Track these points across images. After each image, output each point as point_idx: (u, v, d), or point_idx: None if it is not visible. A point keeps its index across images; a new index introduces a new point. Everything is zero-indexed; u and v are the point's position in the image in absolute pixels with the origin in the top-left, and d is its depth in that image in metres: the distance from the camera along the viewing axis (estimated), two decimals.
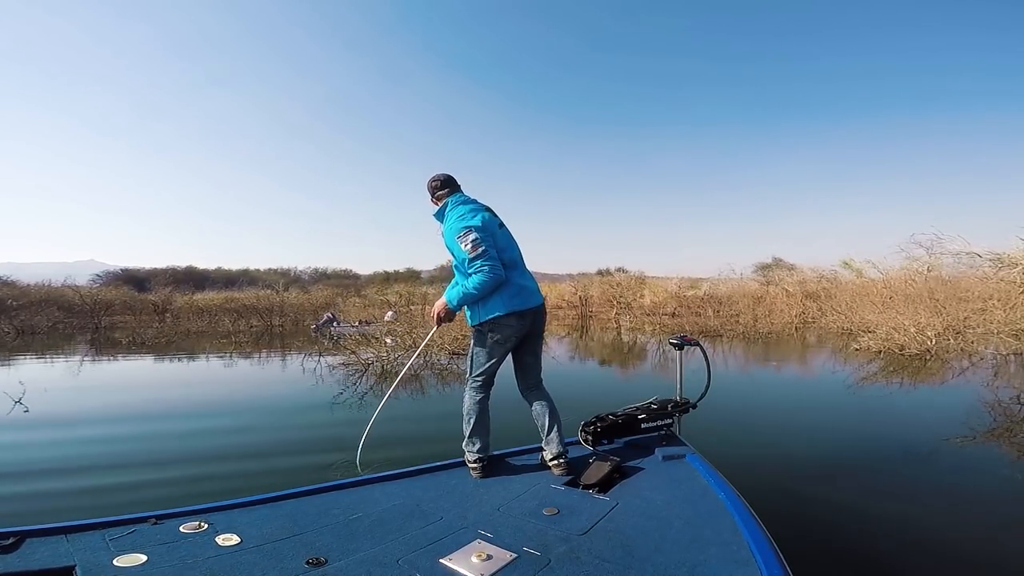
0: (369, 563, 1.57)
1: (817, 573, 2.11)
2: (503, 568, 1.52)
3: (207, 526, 1.78)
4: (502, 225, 2.55)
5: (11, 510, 2.90)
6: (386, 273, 39.85)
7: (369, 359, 7.81)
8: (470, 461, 2.43)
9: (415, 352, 3.67)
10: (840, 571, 2.22)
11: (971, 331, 9.64)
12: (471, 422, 2.46)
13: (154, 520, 1.81)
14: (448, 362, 8.16)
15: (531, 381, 2.57)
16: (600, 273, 26.63)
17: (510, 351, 2.52)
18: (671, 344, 2.97)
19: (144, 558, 1.55)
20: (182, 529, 1.75)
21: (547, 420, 2.46)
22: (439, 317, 2.51)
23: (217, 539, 1.70)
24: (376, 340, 9.08)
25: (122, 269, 33.55)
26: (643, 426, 2.74)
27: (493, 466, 2.45)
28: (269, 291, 23.57)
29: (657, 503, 1.99)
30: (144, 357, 10.10)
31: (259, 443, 4.14)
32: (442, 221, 2.54)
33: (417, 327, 9.58)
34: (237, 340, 12.87)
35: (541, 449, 2.51)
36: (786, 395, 6.15)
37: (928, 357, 8.15)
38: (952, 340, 9.06)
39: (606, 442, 2.68)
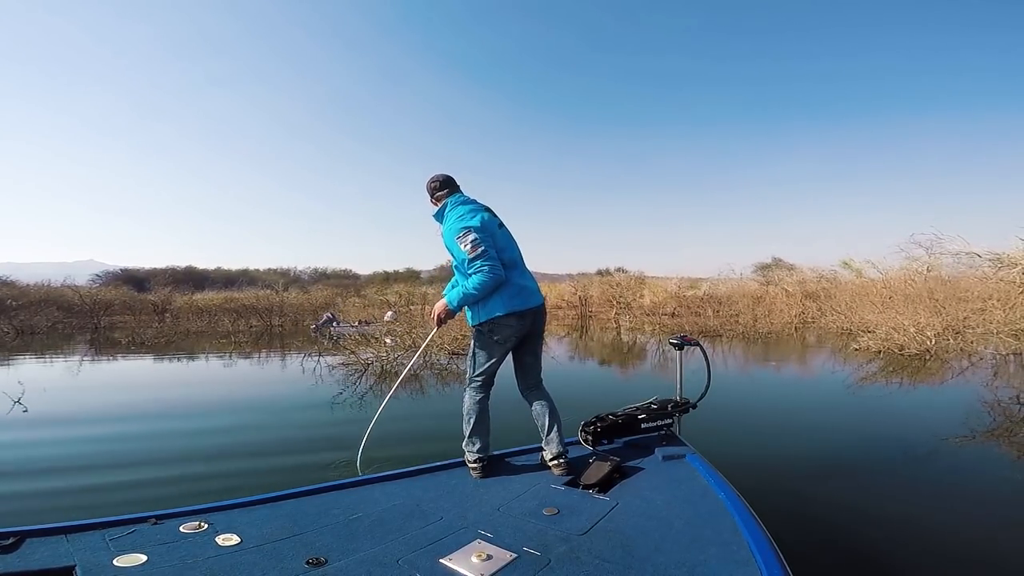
0: (369, 563, 1.57)
1: (817, 573, 2.11)
2: (503, 568, 1.52)
3: (207, 526, 1.78)
4: (502, 225, 2.55)
5: (10, 509, 2.90)
6: (386, 273, 39.85)
7: (369, 359, 7.81)
8: (470, 461, 2.43)
9: (415, 354, 3.67)
10: (840, 571, 2.22)
11: (971, 331, 9.64)
12: (471, 422, 2.46)
13: (154, 520, 1.81)
14: (448, 362, 8.16)
15: (531, 381, 2.57)
16: (600, 273, 26.63)
17: (510, 351, 2.53)
18: (671, 344, 2.97)
19: (144, 558, 1.55)
20: (182, 529, 1.75)
21: (547, 420, 2.46)
22: (439, 318, 2.51)
23: (217, 539, 1.70)
24: (376, 340, 9.08)
25: (121, 269, 33.55)
26: (643, 426, 2.74)
27: (493, 466, 2.46)
28: (269, 291, 23.55)
29: (657, 503, 1.99)
30: (143, 357, 10.10)
31: (258, 443, 4.14)
32: (441, 222, 2.54)
33: (417, 327, 9.58)
34: (237, 340, 12.87)
35: (541, 449, 2.51)
36: (786, 395, 6.15)
37: (928, 357, 8.16)
38: (952, 340, 9.07)
39: (606, 442, 2.68)
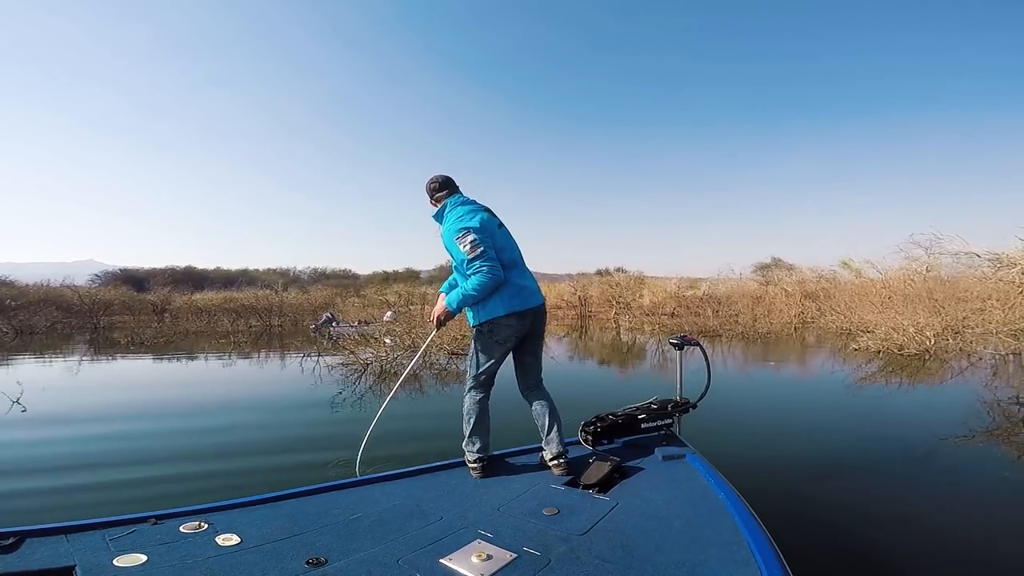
0: (369, 563, 1.57)
1: (817, 573, 2.11)
2: (503, 568, 1.52)
3: (207, 526, 1.78)
4: (501, 225, 2.54)
5: (10, 509, 2.89)
6: (385, 273, 39.83)
7: (368, 359, 7.81)
8: (470, 461, 2.43)
9: (416, 355, 3.66)
10: (840, 571, 2.23)
11: (970, 331, 9.65)
12: (471, 422, 2.46)
13: (154, 520, 1.80)
14: (447, 362, 8.16)
15: (531, 381, 2.57)
16: (599, 273, 26.62)
17: (510, 351, 2.53)
18: (671, 344, 2.97)
19: (144, 558, 1.55)
20: (182, 529, 1.75)
21: (547, 420, 2.46)
22: (439, 320, 2.50)
23: (217, 539, 1.70)
24: (375, 340, 9.08)
25: (121, 269, 33.50)
26: (643, 426, 2.74)
27: (493, 466, 2.45)
28: (268, 291, 23.50)
29: (657, 503, 1.99)
30: (143, 357, 10.09)
31: (258, 443, 4.14)
32: (441, 222, 2.54)
33: (416, 327, 9.58)
34: (236, 340, 12.86)
35: (541, 449, 2.51)
36: (785, 395, 6.15)
37: (927, 357, 8.16)
38: (951, 340, 9.08)
39: (606, 442, 2.68)
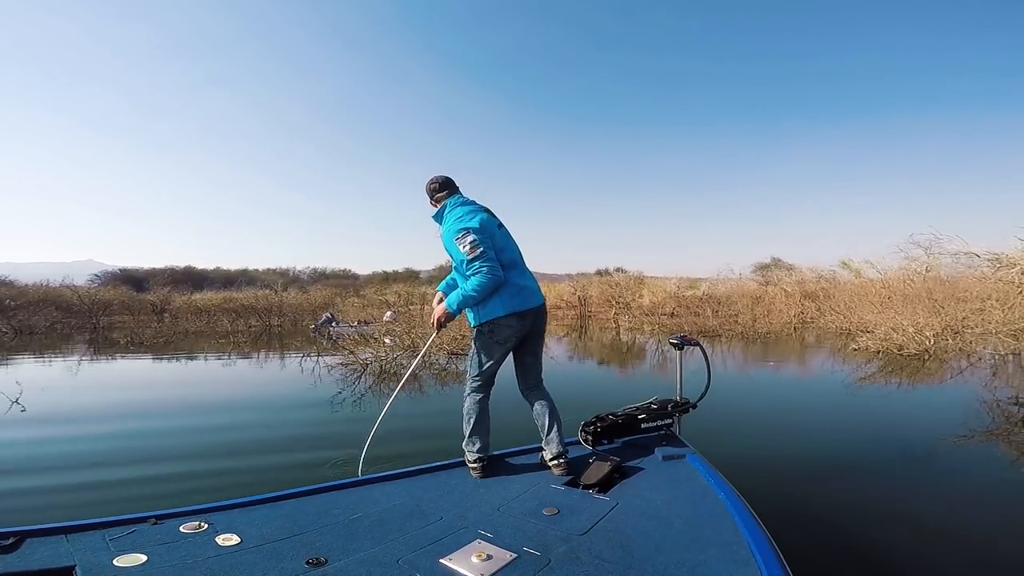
0: (369, 563, 1.57)
1: (817, 573, 2.11)
2: (503, 568, 1.52)
3: (207, 526, 1.78)
4: (501, 226, 2.54)
5: (9, 508, 2.89)
6: (385, 273, 39.83)
7: (368, 359, 7.81)
8: (470, 461, 2.43)
9: (417, 357, 3.66)
10: (840, 571, 2.23)
11: (969, 331, 9.66)
12: (471, 422, 2.46)
13: (154, 520, 1.80)
14: (447, 362, 8.16)
15: (531, 381, 2.57)
16: (599, 273, 26.64)
17: (510, 351, 2.52)
18: (671, 344, 2.97)
19: (144, 558, 1.55)
20: (182, 529, 1.75)
21: (547, 420, 2.46)
22: (439, 322, 2.50)
23: (217, 539, 1.69)
24: (375, 340, 9.08)
25: (120, 269, 33.47)
26: (643, 426, 2.74)
27: (493, 466, 2.45)
28: (268, 291, 23.50)
29: (657, 503, 1.99)
30: (142, 357, 10.08)
31: (257, 442, 4.14)
32: (441, 223, 2.54)
33: (416, 327, 9.58)
34: (235, 340, 12.85)
35: (541, 449, 2.51)
36: (785, 395, 6.15)
37: (926, 357, 8.17)
38: (950, 340, 9.08)
39: (606, 442, 2.68)
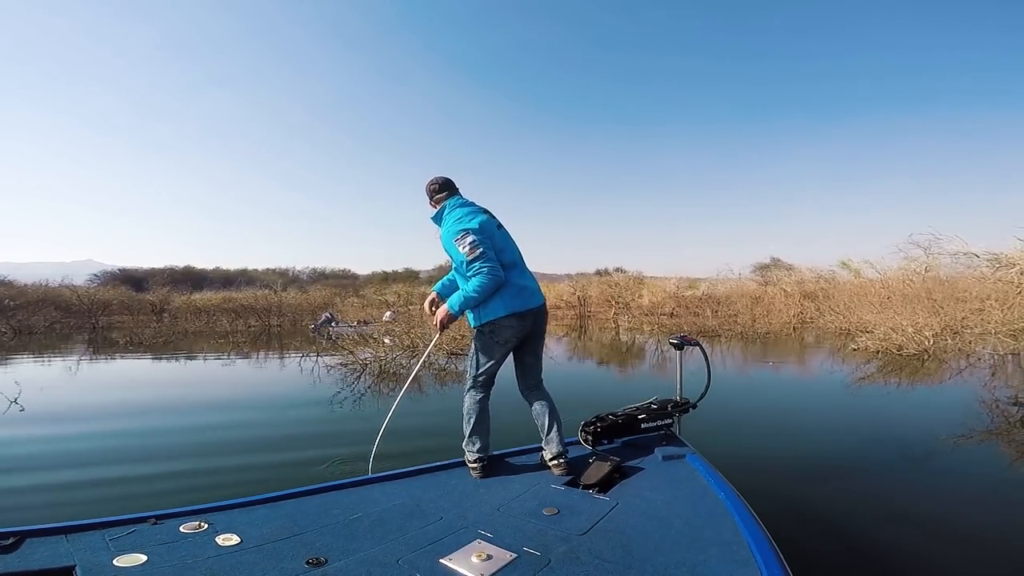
0: (369, 563, 1.57)
1: (817, 573, 2.12)
2: (503, 568, 1.52)
3: (207, 526, 1.78)
4: (500, 226, 2.54)
5: (9, 507, 2.89)
6: (384, 273, 39.82)
7: (367, 359, 7.81)
8: (470, 461, 2.43)
9: (419, 358, 3.67)
10: (840, 571, 2.23)
11: (969, 331, 9.67)
12: (471, 422, 2.46)
13: (154, 520, 1.80)
14: (447, 362, 8.16)
15: (531, 381, 2.57)
16: (599, 273, 26.67)
17: (511, 351, 2.52)
18: (671, 344, 2.97)
19: (144, 558, 1.55)
20: (182, 529, 1.75)
21: (547, 420, 2.46)
22: (442, 323, 2.49)
23: (217, 539, 1.69)
24: (374, 340, 9.08)
25: (120, 269, 33.46)
26: (643, 426, 2.74)
27: (493, 466, 2.45)
28: (267, 291, 23.52)
29: (657, 503, 1.99)
30: (141, 357, 10.08)
31: (257, 442, 4.13)
32: (440, 224, 2.54)
33: (415, 327, 9.58)
34: (235, 340, 12.85)
35: (541, 449, 2.51)
36: (785, 395, 6.16)
37: (926, 357, 8.17)
38: (950, 340, 9.09)
39: (606, 442, 2.68)
